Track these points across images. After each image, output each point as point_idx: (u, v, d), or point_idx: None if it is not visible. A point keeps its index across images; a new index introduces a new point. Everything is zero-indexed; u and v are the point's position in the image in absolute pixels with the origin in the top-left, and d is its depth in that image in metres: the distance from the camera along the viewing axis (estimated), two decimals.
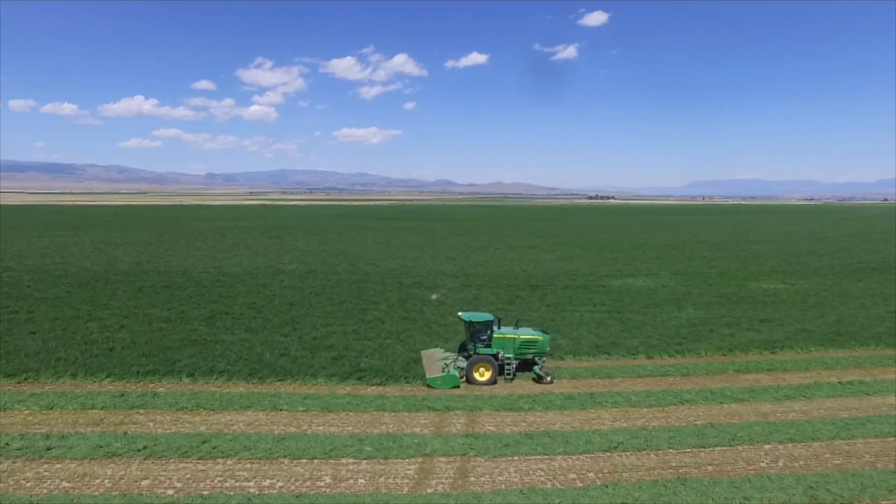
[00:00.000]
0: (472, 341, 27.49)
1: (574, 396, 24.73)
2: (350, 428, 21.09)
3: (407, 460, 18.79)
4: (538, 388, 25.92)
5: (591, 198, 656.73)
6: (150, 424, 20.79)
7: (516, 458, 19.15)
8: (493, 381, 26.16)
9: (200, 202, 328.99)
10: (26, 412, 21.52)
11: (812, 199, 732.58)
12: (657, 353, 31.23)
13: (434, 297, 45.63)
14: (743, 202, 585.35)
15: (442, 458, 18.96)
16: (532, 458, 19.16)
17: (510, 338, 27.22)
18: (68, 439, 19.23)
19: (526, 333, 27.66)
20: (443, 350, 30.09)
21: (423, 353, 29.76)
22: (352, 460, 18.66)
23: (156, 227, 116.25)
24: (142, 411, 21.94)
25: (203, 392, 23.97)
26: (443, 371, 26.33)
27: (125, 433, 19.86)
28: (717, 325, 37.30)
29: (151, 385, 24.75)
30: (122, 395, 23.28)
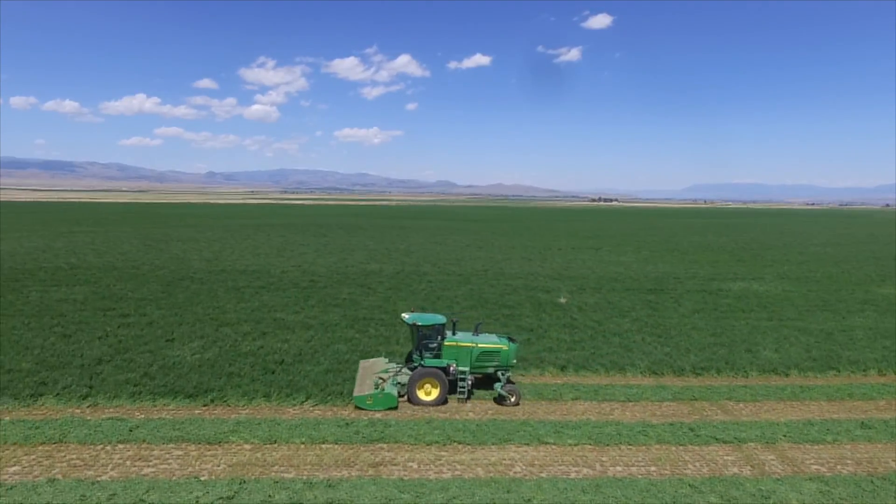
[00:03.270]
0: (419, 350, 22.28)
1: (869, 424, 20.68)
2: (653, 469, 16.95)
3: None
4: (806, 411, 21.84)
5: (593, 200, 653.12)
6: (414, 466, 16.53)
7: None
8: (441, 401, 21.08)
9: (209, 200, 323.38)
10: (248, 448, 17.18)
11: (814, 204, 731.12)
12: (888, 369, 27.27)
13: (563, 300, 41.52)
14: (745, 206, 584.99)
15: None
16: None
17: (465, 346, 21.99)
18: (339, 488, 14.93)
19: (486, 341, 22.53)
20: (386, 360, 24.81)
21: (362, 363, 24.40)
22: None
23: (184, 225, 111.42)
24: (384, 446, 17.67)
25: (438, 419, 19.71)
26: (376, 387, 21.04)
27: (426, 479, 15.57)
28: None
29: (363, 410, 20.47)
30: (347, 424, 18.96)
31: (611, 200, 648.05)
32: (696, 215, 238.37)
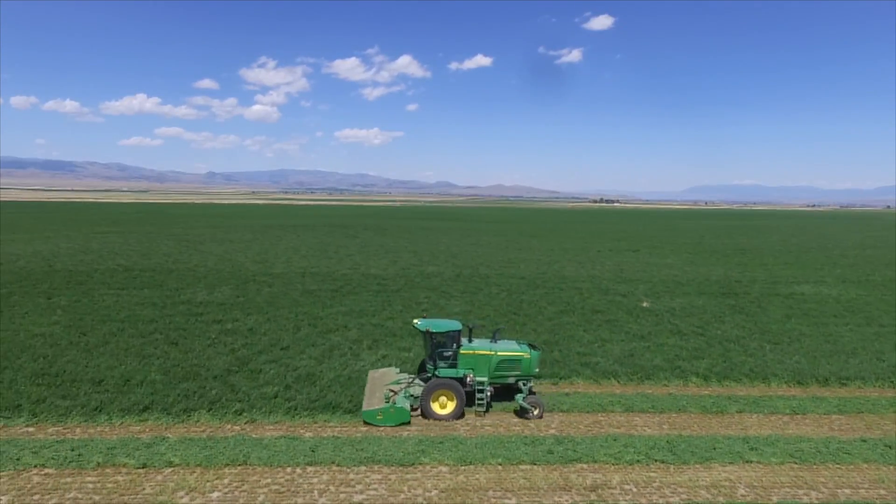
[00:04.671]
0: (433, 359, 20.50)
1: None
2: (883, 492, 15.73)
3: None
4: None
5: (595, 201, 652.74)
6: (632, 489, 15.21)
7: None
8: (458, 415, 19.36)
9: (213, 201, 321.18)
10: (446, 470, 15.77)
11: (814, 206, 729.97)
12: None
13: (645, 304, 40.34)
14: (747, 207, 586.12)
15: None
16: None
17: (483, 355, 20.42)
18: None
19: (506, 349, 20.88)
20: (398, 370, 22.89)
21: (371, 373, 22.54)
22: None
23: (206, 225, 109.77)
24: (585, 466, 16.35)
25: (622, 435, 18.42)
26: (387, 401, 19.07)
27: None
28: None
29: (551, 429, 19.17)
30: (533, 441, 17.59)
31: (613, 201, 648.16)
32: (707, 216, 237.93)
